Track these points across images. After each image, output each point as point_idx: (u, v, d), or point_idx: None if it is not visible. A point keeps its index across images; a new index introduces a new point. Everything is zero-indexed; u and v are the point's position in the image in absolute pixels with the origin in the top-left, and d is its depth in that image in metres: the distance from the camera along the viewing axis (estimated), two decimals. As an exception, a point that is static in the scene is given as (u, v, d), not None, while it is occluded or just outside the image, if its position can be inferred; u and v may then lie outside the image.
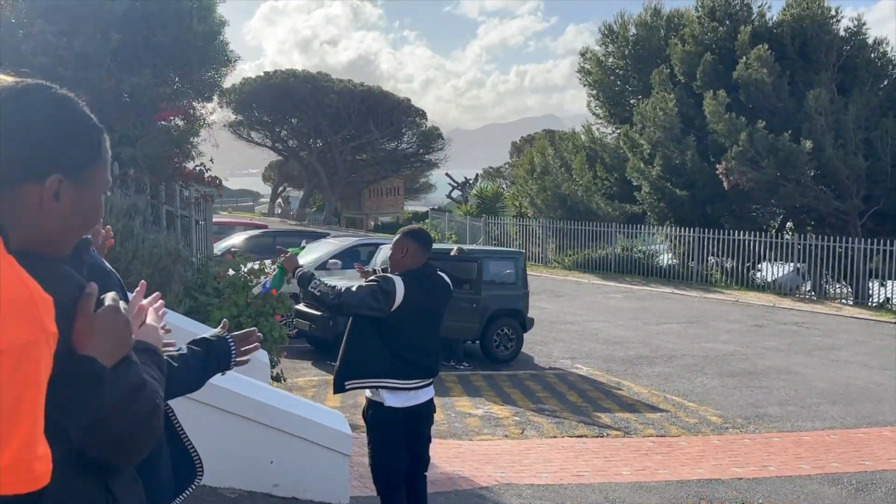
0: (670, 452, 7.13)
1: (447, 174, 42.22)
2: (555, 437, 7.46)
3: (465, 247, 19.62)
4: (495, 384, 9.64)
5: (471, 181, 42.97)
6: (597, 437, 7.53)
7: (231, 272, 6.84)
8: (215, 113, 11.78)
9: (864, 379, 10.85)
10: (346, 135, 47.77)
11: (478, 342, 11.02)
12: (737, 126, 20.63)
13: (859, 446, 7.49)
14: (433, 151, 48.94)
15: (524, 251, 21.39)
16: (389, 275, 4.22)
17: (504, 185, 47.52)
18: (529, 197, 26.62)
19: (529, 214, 26.90)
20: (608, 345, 12.74)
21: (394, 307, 4.17)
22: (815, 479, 6.46)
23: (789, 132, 20.08)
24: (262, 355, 6.33)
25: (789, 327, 15.42)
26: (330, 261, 12.11)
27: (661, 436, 7.73)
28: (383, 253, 11.37)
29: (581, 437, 7.50)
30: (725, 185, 20.59)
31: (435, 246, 9.75)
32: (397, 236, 4.36)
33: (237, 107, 45.78)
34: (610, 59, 27.78)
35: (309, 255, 12.28)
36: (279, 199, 59.58)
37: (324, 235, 15.92)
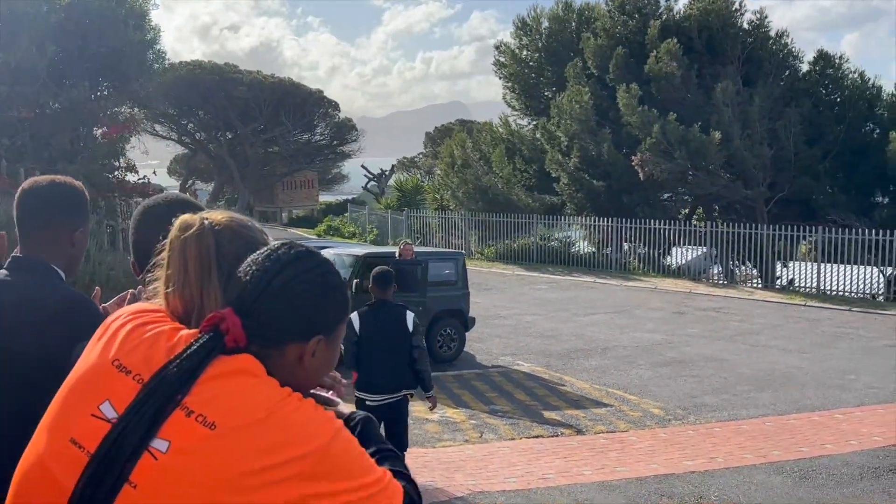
0: (623, 449, 7.45)
1: (363, 166, 42.05)
2: (513, 439, 7.69)
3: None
4: (444, 386, 9.80)
5: (386, 172, 42.92)
6: (552, 436, 7.80)
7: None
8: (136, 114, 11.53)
9: (784, 363, 11.51)
10: (256, 127, 46.94)
11: (421, 343, 11.17)
12: (649, 118, 21.34)
13: (794, 433, 7.99)
14: (347, 143, 48.63)
15: (445, 243, 21.54)
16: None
17: (419, 176, 47.68)
18: (451, 190, 26.87)
19: (451, 207, 27.15)
20: (543, 339, 13.08)
21: (355, 338, 5.64)
22: (761, 468, 6.88)
23: (699, 124, 20.90)
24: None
25: (708, 313, 16.14)
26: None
27: (611, 432, 8.06)
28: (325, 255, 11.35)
29: (538, 437, 7.75)
30: (641, 175, 21.29)
31: (376, 250, 10.21)
32: None
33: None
34: (524, 52, 28.24)
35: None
36: (187, 194, 58.00)
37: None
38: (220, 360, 1.24)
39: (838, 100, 22.77)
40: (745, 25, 23.37)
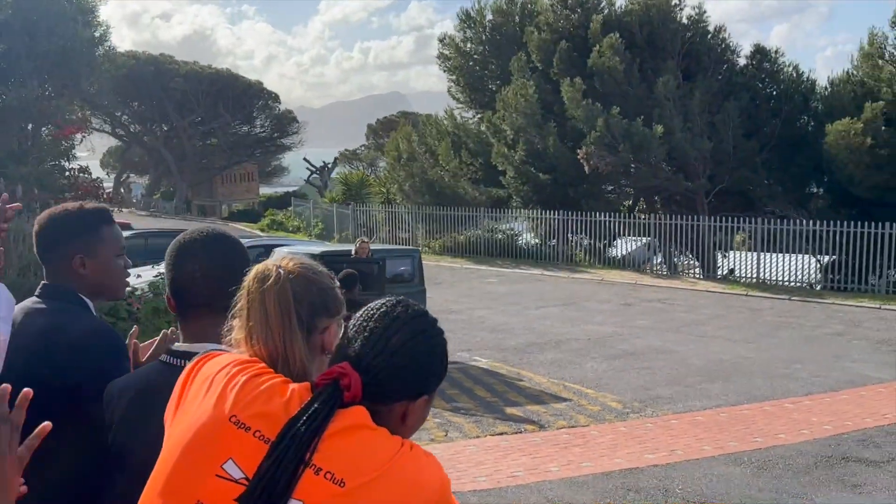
0: (586, 444, 7.59)
1: (305, 158, 41.66)
2: (478, 436, 7.76)
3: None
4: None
5: (329, 165, 42.60)
6: (516, 433, 7.89)
7: (150, 295, 6.64)
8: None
9: (731, 353, 11.84)
10: (194, 119, 46.08)
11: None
12: (593, 112, 21.63)
13: (748, 423, 8.24)
14: (288, 135, 48.09)
15: (392, 237, 21.47)
16: None
17: (361, 168, 47.42)
18: (397, 183, 26.84)
19: (398, 201, 27.12)
20: (497, 333, 13.20)
21: None
22: (720, 459, 7.09)
23: (642, 117, 21.26)
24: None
25: (654, 305, 16.48)
26: (218, 265, 11.80)
27: (573, 427, 8.20)
28: (278, 255, 11.23)
29: (502, 434, 7.83)
30: (586, 168, 21.58)
31: (333, 248, 10.23)
32: None
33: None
34: (468, 45, 28.30)
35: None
36: (121, 188, 56.72)
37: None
38: (338, 415, 1.26)
39: (774, 93, 23.38)
40: (685, 21, 23.81)
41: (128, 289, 7.78)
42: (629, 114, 21.47)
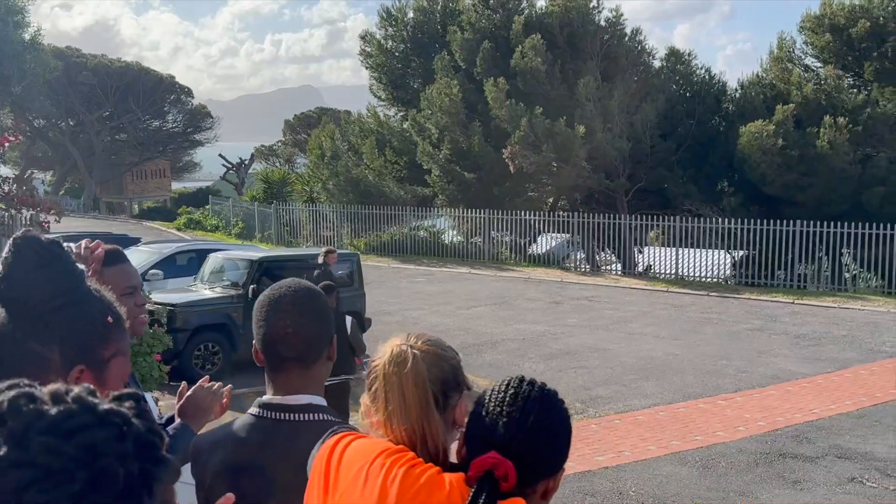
0: (537, 447, 7.76)
1: (221, 155, 40.77)
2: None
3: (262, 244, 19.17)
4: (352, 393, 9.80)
5: (246, 161, 41.81)
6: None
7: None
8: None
9: (661, 351, 12.25)
10: (102, 114, 44.49)
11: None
12: (517, 112, 21.94)
13: (686, 422, 8.57)
14: (201, 130, 46.94)
15: (316, 236, 21.32)
16: None
17: (278, 165, 46.73)
18: (321, 182, 26.60)
19: (322, 199, 26.88)
20: (433, 334, 13.27)
21: None
22: (666, 459, 7.37)
23: (564, 118, 21.68)
24: (149, 401, 6.09)
25: (582, 303, 16.88)
26: (150, 271, 11.52)
27: (521, 430, 8.36)
28: (212, 262, 11.00)
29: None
30: (511, 168, 21.88)
31: (272, 253, 10.75)
32: None
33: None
34: (390, 43, 28.26)
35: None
36: (23, 186, 54.20)
37: (134, 241, 14.94)
38: None
39: (688, 95, 24.20)
40: (603, 23, 24.39)
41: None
42: (552, 114, 21.86)
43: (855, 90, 20.18)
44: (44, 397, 0.68)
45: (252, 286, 10.15)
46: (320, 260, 10.38)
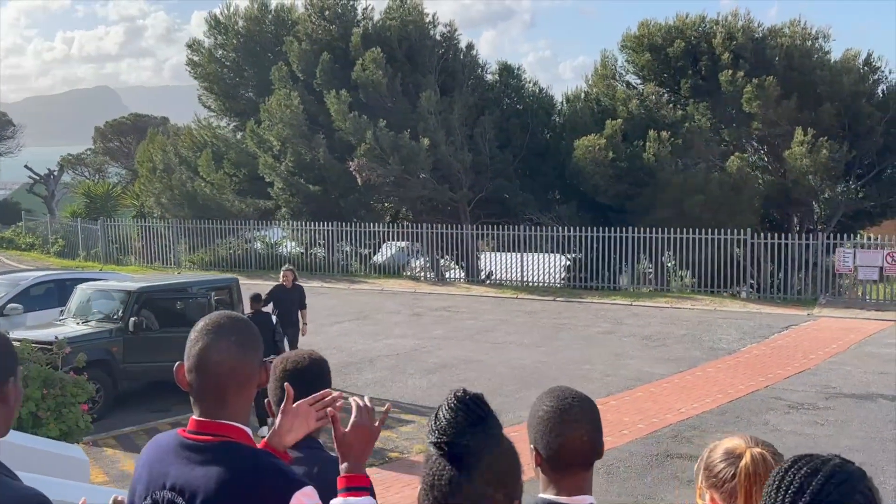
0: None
1: (27, 166, 37.80)
2: (347, 471, 7.96)
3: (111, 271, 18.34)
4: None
5: (55, 173, 39.03)
6: (383, 463, 8.20)
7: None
8: None
9: (529, 359, 12.97)
10: None
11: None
12: (361, 125, 22.15)
13: (577, 429, 9.22)
14: (3, 140, 43.30)
15: (147, 253, 20.56)
16: None
17: (87, 175, 44.03)
18: (154, 196, 25.46)
19: (156, 214, 25.73)
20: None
21: None
22: (571, 467, 7.93)
23: (408, 131, 22.15)
24: (77, 452, 5.86)
25: (441, 313, 17.40)
26: (8, 305, 10.73)
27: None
28: (81, 294, 10.40)
29: (371, 466, 8.08)
30: (359, 180, 22.06)
31: (152, 283, 11.01)
32: None
33: None
34: (220, 52, 27.53)
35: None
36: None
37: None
38: None
39: (521, 108, 25.39)
40: (439, 37, 25.08)
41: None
42: (395, 127, 22.24)
43: (672, 105, 22.06)
44: None
45: (132, 318, 9.75)
46: (281, 279, 11.61)
